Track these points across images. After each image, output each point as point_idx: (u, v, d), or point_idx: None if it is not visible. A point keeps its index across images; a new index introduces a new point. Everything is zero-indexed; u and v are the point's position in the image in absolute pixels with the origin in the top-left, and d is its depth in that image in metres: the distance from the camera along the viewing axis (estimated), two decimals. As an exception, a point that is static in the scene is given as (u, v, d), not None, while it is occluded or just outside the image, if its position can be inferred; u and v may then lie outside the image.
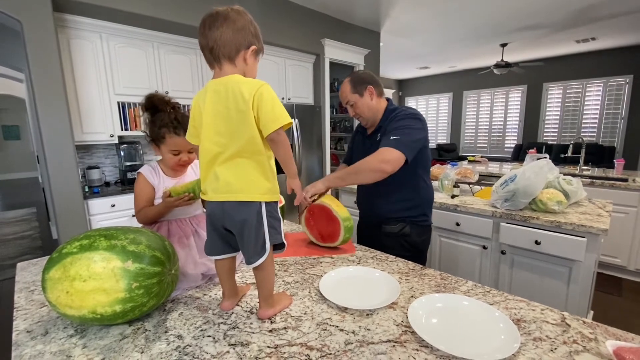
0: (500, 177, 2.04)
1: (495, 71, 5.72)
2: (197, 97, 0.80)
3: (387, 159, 1.23)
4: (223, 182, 0.75)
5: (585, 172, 3.11)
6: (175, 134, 1.04)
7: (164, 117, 1.05)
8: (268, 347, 0.69)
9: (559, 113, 6.72)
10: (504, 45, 5.50)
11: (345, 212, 1.24)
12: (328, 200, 1.27)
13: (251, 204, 0.75)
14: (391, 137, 1.27)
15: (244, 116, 0.72)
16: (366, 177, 1.28)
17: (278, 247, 0.83)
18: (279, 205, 1.31)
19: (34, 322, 0.80)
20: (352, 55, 4.35)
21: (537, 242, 1.59)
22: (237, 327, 0.76)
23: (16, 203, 6.05)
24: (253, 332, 0.74)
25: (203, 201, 1.20)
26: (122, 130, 2.93)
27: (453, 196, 2.05)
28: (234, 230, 0.78)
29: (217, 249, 0.82)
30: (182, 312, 0.83)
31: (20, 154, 8.98)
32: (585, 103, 6.39)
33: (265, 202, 0.77)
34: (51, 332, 0.76)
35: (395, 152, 1.24)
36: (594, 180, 2.72)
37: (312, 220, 1.30)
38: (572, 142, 3.05)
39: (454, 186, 2.08)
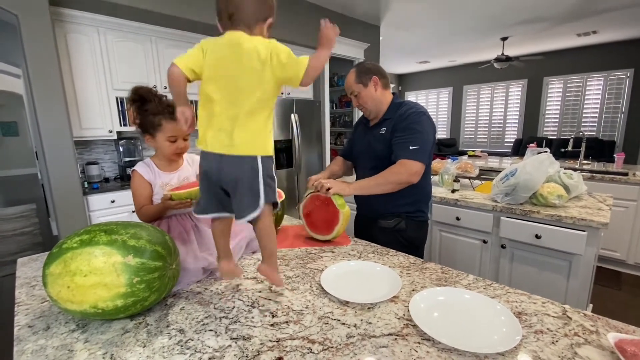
0: (500, 171, 2.04)
1: (496, 65, 5.70)
2: (208, 41, 0.79)
3: (414, 172, 1.28)
4: (225, 135, 0.76)
5: (585, 167, 3.11)
6: (172, 120, 1.02)
7: (157, 105, 1.04)
8: (270, 340, 0.69)
9: (559, 107, 6.70)
10: (504, 39, 5.46)
11: (347, 210, 1.26)
12: (337, 197, 1.28)
13: (248, 158, 0.77)
14: (411, 147, 1.28)
15: (258, 74, 0.75)
16: (391, 188, 1.31)
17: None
18: (280, 199, 1.31)
19: (35, 317, 0.80)
20: (352, 50, 4.32)
21: (537, 236, 1.59)
22: (239, 322, 0.76)
23: (15, 199, 6.05)
24: (255, 326, 0.74)
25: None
26: (120, 125, 2.92)
27: (453, 190, 2.05)
28: (229, 185, 0.79)
29: (209, 207, 0.83)
30: (183, 307, 0.83)
31: (18, 150, 8.95)
32: (586, 97, 6.37)
33: (262, 157, 0.78)
34: (53, 327, 0.76)
35: (419, 164, 1.28)
36: (594, 175, 2.72)
37: (311, 207, 1.31)
38: (572, 136, 3.05)
39: (454, 180, 2.08)
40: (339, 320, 0.76)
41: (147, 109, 1.03)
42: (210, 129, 0.78)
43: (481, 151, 4.42)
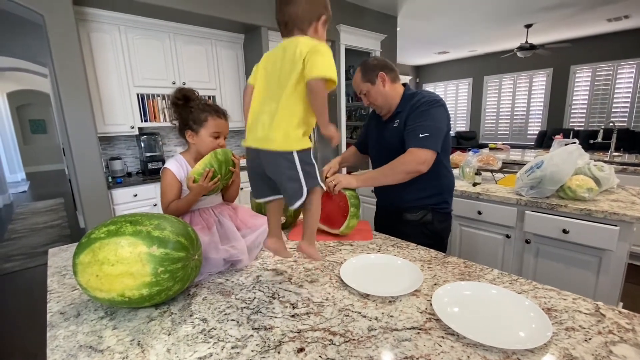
0: (523, 164, 1.96)
1: (519, 54, 5.47)
2: (269, 51, 0.86)
3: (422, 161, 1.24)
4: (261, 130, 0.78)
5: (616, 159, 2.96)
6: (218, 117, 1.09)
7: (202, 104, 1.09)
8: (291, 331, 0.69)
9: (587, 97, 6.38)
10: (528, 26, 5.23)
11: (356, 209, 1.24)
12: (348, 191, 1.26)
13: (283, 152, 0.77)
14: (420, 135, 1.24)
15: (295, 68, 0.75)
16: (401, 178, 1.28)
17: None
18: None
19: (66, 305, 0.84)
20: (368, 41, 4.25)
21: (564, 231, 1.53)
22: (260, 312, 0.77)
23: (45, 194, 6.34)
24: (276, 317, 0.75)
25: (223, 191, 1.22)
26: (142, 121, 3.00)
27: (475, 184, 1.99)
28: (272, 176, 0.82)
29: (262, 192, 0.87)
30: (205, 297, 0.85)
31: (46, 147, 9.37)
32: (616, 86, 6.05)
33: (297, 151, 0.78)
34: (83, 314, 0.79)
35: (429, 153, 1.24)
36: (626, 167, 2.58)
37: (322, 201, 1.30)
38: (602, 127, 2.90)
39: (476, 174, 2.02)
40: (359, 312, 0.76)
41: (192, 106, 1.08)
42: (251, 125, 0.82)
43: (503, 144, 4.28)
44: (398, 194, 1.41)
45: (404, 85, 1.41)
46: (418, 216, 1.39)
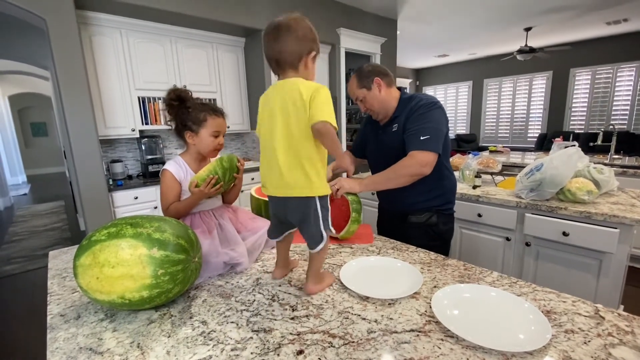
0: (523, 167, 1.97)
1: (519, 57, 5.49)
2: (263, 94, 0.87)
3: (425, 163, 1.25)
4: (282, 179, 0.81)
5: (616, 161, 2.96)
6: (216, 116, 1.10)
7: (199, 104, 1.09)
8: (290, 334, 0.69)
9: (587, 100, 6.39)
10: (528, 29, 5.25)
11: (357, 214, 1.24)
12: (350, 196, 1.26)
13: (307, 199, 0.82)
14: (421, 138, 1.25)
15: (300, 113, 0.76)
16: (404, 182, 1.28)
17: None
18: None
19: (67, 307, 0.84)
20: (368, 45, 4.27)
21: (564, 234, 1.53)
22: (260, 314, 0.77)
23: (46, 196, 6.35)
24: (275, 319, 0.75)
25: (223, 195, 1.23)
26: (142, 124, 3.01)
27: (475, 186, 2.00)
28: (294, 222, 0.87)
29: (277, 233, 0.93)
30: (205, 299, 0.85)
31: (47, 150, 9.39)
32: (616, 89, 6.06)
33: (319, 197, 0.82)
34: (83, 316, 0.79)
35: (430, 155, 1.25)
36: (626, 170, 2.58)
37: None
38: (602, 130, 2.90)
39: (476, 176, 2.02)
40: (359, 315, 0.76)
41: (190, 106, 1.08)
42: (269, 173, 0.84)
43: (503, 146, 4.29)
44: (402, 197, 1.41)
45: (400, 89, 1.42)
46: (423, 218, 1.39)
